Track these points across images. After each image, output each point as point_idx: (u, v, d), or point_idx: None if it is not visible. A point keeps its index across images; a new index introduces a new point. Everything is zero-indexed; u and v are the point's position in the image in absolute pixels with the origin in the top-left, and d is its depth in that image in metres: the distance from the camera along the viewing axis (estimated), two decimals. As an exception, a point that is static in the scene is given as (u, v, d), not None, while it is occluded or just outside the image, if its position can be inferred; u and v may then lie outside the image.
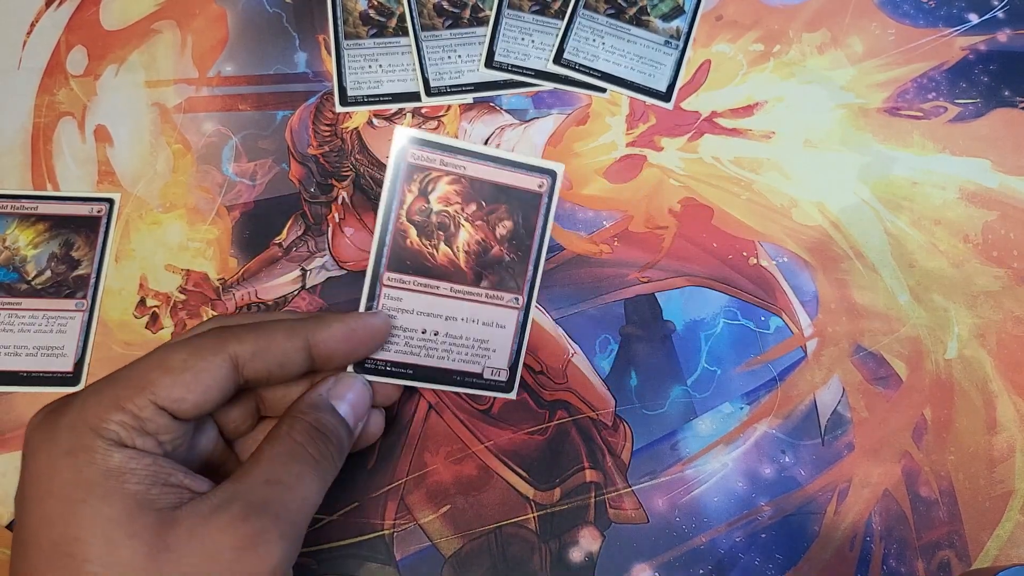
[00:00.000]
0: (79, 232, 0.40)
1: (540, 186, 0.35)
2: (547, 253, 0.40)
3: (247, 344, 0.27)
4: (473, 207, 0.35)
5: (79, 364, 0.38)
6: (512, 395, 0.35)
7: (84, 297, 0.39)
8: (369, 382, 0.32)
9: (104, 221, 0.40)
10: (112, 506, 0.23)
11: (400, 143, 0.34)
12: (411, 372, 0.34)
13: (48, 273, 0.39)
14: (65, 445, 0.24)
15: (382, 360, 0.33)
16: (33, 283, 0.39)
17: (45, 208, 0.40)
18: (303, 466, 0.27)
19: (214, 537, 0.24)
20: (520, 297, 0.35)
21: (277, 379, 0.29)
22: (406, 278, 0.34)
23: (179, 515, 0.24)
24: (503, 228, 0.35)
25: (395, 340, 0.34)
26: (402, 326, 0.34)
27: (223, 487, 0.25)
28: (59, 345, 0.38)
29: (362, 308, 0.34)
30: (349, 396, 0.30)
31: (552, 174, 0.36)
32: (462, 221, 0.35)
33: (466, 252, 0.35)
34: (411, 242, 0.34)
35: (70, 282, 0.39)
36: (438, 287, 0.34)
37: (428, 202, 0.34)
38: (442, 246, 0.34)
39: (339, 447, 0.29)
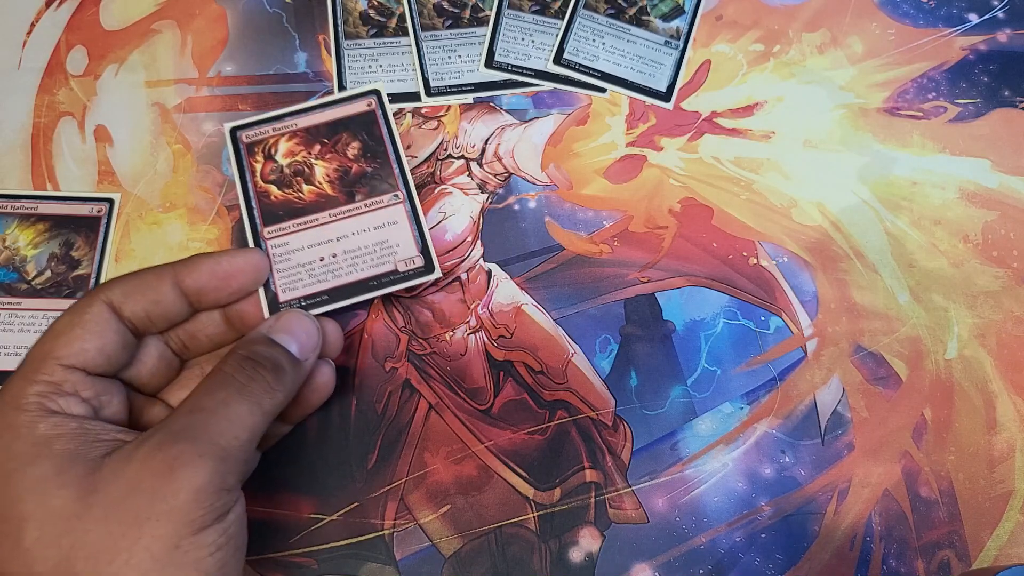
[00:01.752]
0: (79, 232, 0.40)
1: (369, 105, 0.38)
2: (546, 253, 0.40)
3: (116, 288, 0.29)
4: (317, 147, 0.37)
5: None
6: (436, 274, 0.35)
7: None
8: (314, 315, 0.33)
9: (104, 221, 0.40)
10: (41, 467, 0.24)
11: (231, 137, 0.37)
12: (327, 297, 0.34)
13: (48, 273, 0.39)
14: None
15: (294, 299, 0.34)
16: (33, 283, 0.39)
17: (45, 208, 0.40)
18: (228, 392, 0.27)
19: (136, 469, 0.24)
20: (398, 192, 0.36)
21: (160, 319, 0.30)
22: (284, 224, 0.35)
23: (107, 460, 0.25)
24: (353, 149, 0.36)
25: (299, 277, 0.34)
26: (299, 262, 0.35)
27: (150, 429, 0.26)
28: None
29: None
30: (289, 326, 0.31)
31: (375, 92, 0.38)
32: (313, 161, 0.37)
33: (329, 182, 0.36)
34: (275, 197, 0.36)
35: (70, 282, 0.39)
36: (317, 219, 0.36)
37: (276, 160, 0.37)
38: (305, 187, 0.36)
39: (274, 371, 0.29)
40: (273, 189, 0.36)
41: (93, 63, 0.44)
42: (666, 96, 0.43)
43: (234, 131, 0.37)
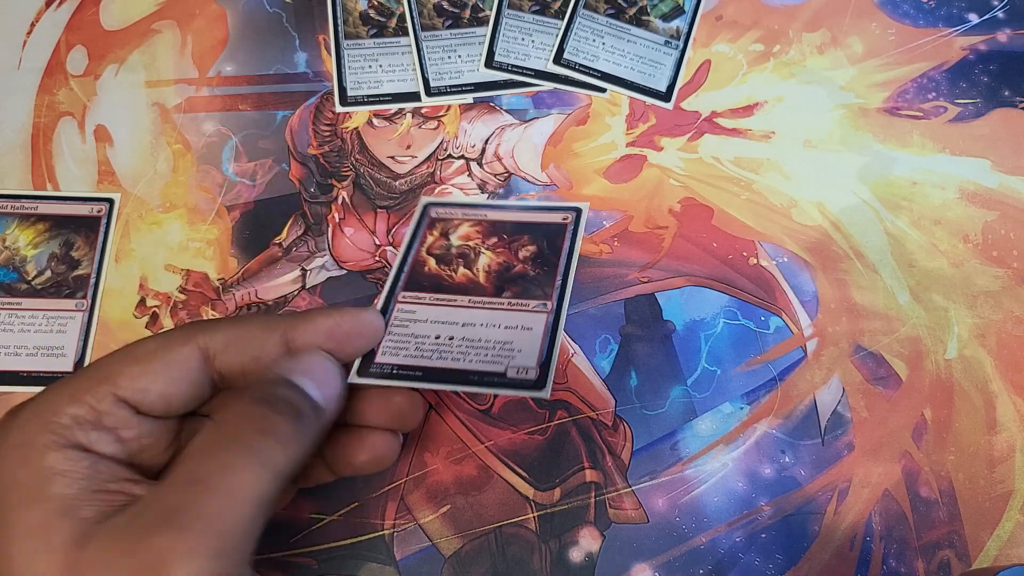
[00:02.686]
0: (79, 232, 0.40)
1: (565, 219, 0.36)
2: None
3: (219, 335, 0.25)
4: (494, 240, 0.35)
5: (79, 364, 0.38)
6: (545, 393, 0.31)
7: (84, 297, 0.39)
8: (338, 364, 0.29)
9: (104, 221, 0.40)
10: (33, 513, 0.21)
11: (421, 209, 0.37)
12: (420, 374, 0.31)
13: (48, 273, 0.39)
14: (13, 440, 0.22)
15: (387, 363, 0.31)
16: (33, 283, 0.39)
17: (45, 208, 0.40)
18: (231, 453, 0.22)
19: (118, 563, 0.20)
20: (548, 302, 0.33)
21: (254, 375, 0.26)
22: (422, 295, 0.33)
23: (97, 531, 0.21)
24: (526, 252, 0.35)
25: (405, 346, 0.32)
26: (413, 333, 0.32)
27: (147, 493, 0.22)
28: (59, 345, 0.38)
29: None
30: (311, 368, 0.26)
31: (577, 211, 0.36)
32: (483, 250, 0.35)
33: (486, 272, 0.34)
34: (429, 269, 0.35)
35: (70, 282, 0.39)
36: (455, 299, 0.33)
37: (449, 240, 0.36)
38: (461, 269, 0.35)
39: (293, 418, 0.24)
40: (431, 262, 0.35)
41: (93, 63, 0.44)
42: (666, 96, 0.43)
43: (427, 206, 0.37)
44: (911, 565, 0.35)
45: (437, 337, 0.32)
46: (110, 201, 0.41)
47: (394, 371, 0.31)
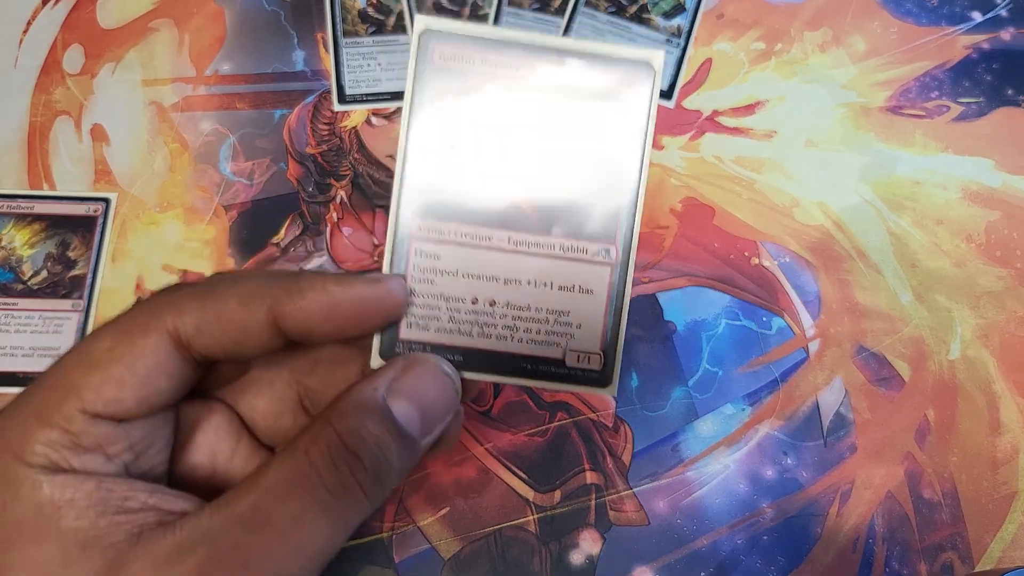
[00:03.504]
0: (75, 232, 0.40)
1: (634, 85, 0.24)
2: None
3: (189, 316, 0.21)
4: (538, 116, 0.24)
5: None
6: (611, 391, 0.25)
7: (80, 297, 0.39)
8: (455, 367, 0.23)
9: (100, 221, 0.40)
10: (44, 550, 0.18)
11: (418, 34, 0.24)
12: (461, 359, 0.24)
13: (44, 273, 0.39)
14: None
15: (417, 342, 0.24)
16: (29, 283, 0.39)
17: (41, 208, 0.40)
18: (307, 503, 0.19)
19: None
20: (612, 248, 0.24)
21: (240, 357, 0.22)
22: (445, 227, 0.24)
23: (132, 556, 0.18)
24: (584, 145, 0.24)
25: (436, 315, 0.24)
26: (442, 294, 0.24)
27: (197, 517, 0.19)
28: (55, 346, 0.38)
29: (385, 270, 0.24)
30: (417, 390, 0.21)
31: (647, 65, 0.24)
32: (523, 131, 0.24)
33: (531, 184, 0.24)
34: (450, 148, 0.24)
35: (66, 282, 0.39)
36: (491, 237, 0.24)
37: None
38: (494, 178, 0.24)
39: (376, 475, 0.20)
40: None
41: (90, 62, 0.44)
42: (667, 95, 0.43)
43: (426, 37, 0.24)
44: (914, 567, 0.35)
45: (475, 301, 0.24)
46: (106, 201, 0.41)
47: (426, 350, 0.24)
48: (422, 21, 0.24)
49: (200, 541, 0.19)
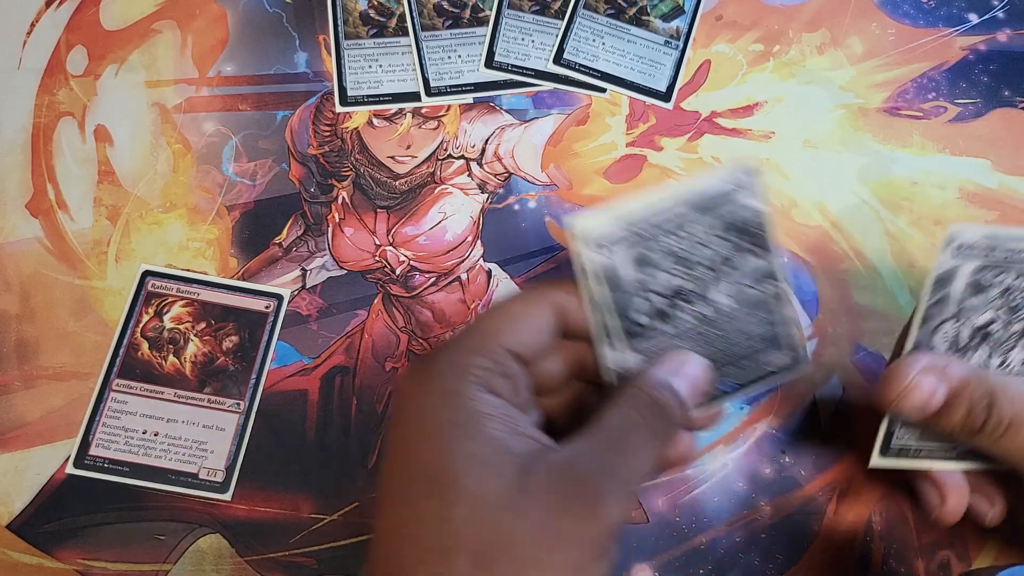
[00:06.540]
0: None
1: (267, 307, 0.39)
2: (546, 253, 0.40)
3: (568, 295, 0.28)
4: (203, 325, 0.38)
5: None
6: (227, 496, 0.36)
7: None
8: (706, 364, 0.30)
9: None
10: (478, 445, 0.25)
11: (139, 279, 0.39)
12: (127, 470, 0.36)
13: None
14: (438, 388, 0.26)
15: (100, 457, 0.36)
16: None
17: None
18: (640, 438, 0.27)
19: (564, 488, 0.25)
20: (241, 403, 0.37)
21: (578, 334, 0.29)
22: (134, 384, 0.37)
23: (533, 465, 0.25)
24: (229, 342, 0.38)
25: (116, 439, 0.37)
26: (124, 427, 0.37)
27: (570, 446, 0.26)
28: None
29: (87, 413, 0.37)
30: (686, 372, 0.29)
31: (279, 298, 0.39)
32: (192, 336, 0.38)
33: (192, 363, 0.38)
34: (142, 354, 0.38)
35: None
36: (163, 392, 0.37)
37: (162, 321, 0.38)
38: (171, 357, 0.38)
39: (672, 425, 0.28)
40: (144, 346, 0.38)
41: (93, 63, 0.44)
42: (666, 96, 0.43)
43: (146, 275, 0.39)
44: (911, 565, 0.35)
45: (144, 432, 0.37)
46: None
47: (105, 464, 0.36)
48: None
49: (580, 457, 0.26)
